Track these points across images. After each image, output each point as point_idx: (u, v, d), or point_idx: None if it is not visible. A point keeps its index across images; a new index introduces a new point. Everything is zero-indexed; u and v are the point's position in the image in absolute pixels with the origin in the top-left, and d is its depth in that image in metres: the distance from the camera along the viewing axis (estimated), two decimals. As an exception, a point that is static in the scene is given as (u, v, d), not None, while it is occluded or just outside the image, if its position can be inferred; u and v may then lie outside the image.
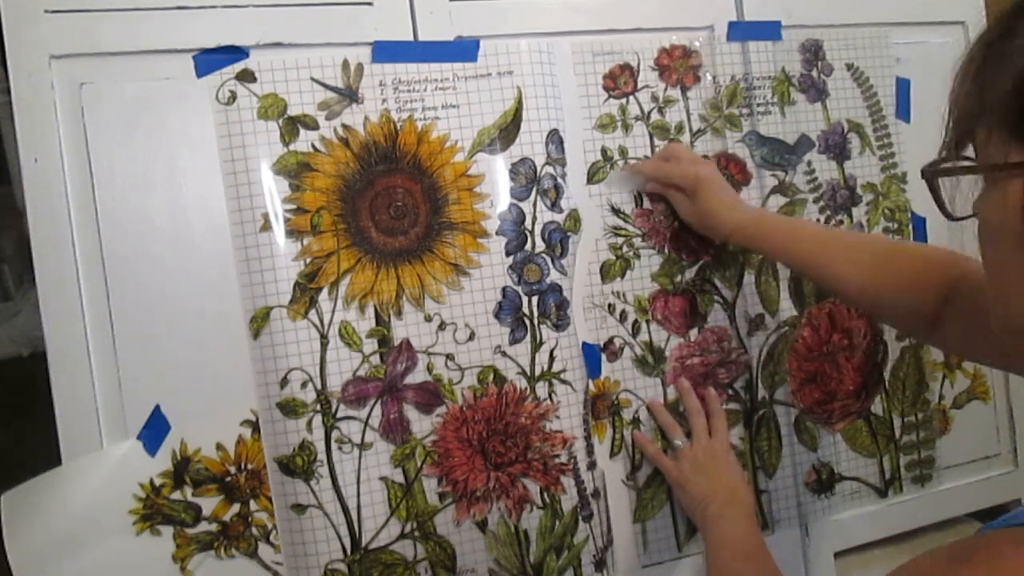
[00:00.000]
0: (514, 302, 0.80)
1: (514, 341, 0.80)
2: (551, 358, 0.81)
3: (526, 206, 0.81)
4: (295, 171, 0.75)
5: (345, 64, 0.77)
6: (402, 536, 0.77)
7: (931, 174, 0.48)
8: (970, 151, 0.47)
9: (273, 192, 0.74)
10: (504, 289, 0.80)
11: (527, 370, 0.80)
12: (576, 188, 0.84)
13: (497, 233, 0.80)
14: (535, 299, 0.81)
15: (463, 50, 0.80)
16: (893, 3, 0.98)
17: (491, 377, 0.79)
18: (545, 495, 0.80)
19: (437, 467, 0.78)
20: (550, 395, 0.81)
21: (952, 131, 0.48)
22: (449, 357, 0.78)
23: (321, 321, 0.75)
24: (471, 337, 0.79)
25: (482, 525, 0.79)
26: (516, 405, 0.80)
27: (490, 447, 0.79)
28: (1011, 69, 0.43)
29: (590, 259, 0.85)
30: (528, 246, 0.81)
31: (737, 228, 0.81)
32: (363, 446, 0.76)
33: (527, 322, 0.80)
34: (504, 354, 0.79)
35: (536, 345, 0.80)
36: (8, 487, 0.69)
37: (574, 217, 0.83)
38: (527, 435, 0.80)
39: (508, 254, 0.80)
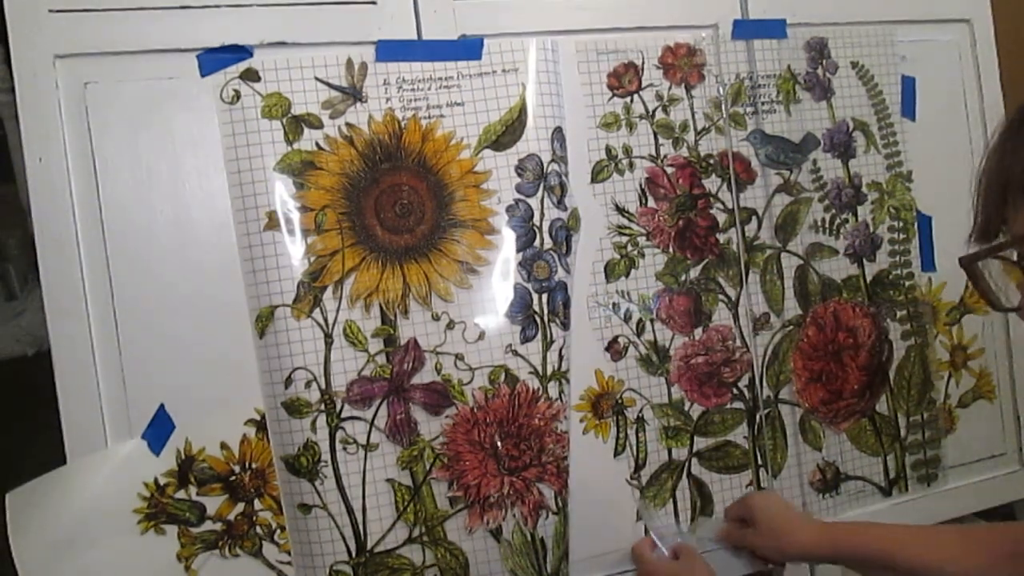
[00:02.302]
0: (524, 299, 0.79)
1: (525, 340, 0.79)
2: (560, 357, 0.81)
3: (534, 202, 0.80)
4: (299, 170, 0.75)
5: (349, 63, 0.77)
6: (409, 540, 0.76)
7: (968, 261, 0.48)
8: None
9: (277, 191, 0.74)
10: (515, 286, 0.79)
11: (539, 369, 0.80)
12: (580, 186, 0.84)
13: (507, 228, 0.79)
14: (544, 296, 0.80)
15: (467, 49, 0.80)
16: (898, 1, 0.97)
17: (503, 377, 0.79)
18: (559, 499, 0.80)
19: (447, 470, 0.77)
20: (560, 395, 0.81)
21: (982, 215, 0.48)
22: (459, 357, 0.78)
23: (325, 320, 0.75)
24: (481, 336, 0.78)
25: (496, 533, 0.78)
26: (529, 406, 0.79)
27: (503, 450, 0.78)
28: None
29: (594, 258, 0.85)
30: (537, 242, 0.80)
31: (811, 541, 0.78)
32: (368, 447, 0.76)
33: (537, 320, 0.80)
34: (516, 353, 0.79)
35: (547, 344, 0.80)
36: (13, 486, 0.69)
37: (575, 216, 0.83)
38: (541, 437, 0.80)
39: (518, 250, 0.80)
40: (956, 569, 0.70)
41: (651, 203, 0.87)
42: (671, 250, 0.87)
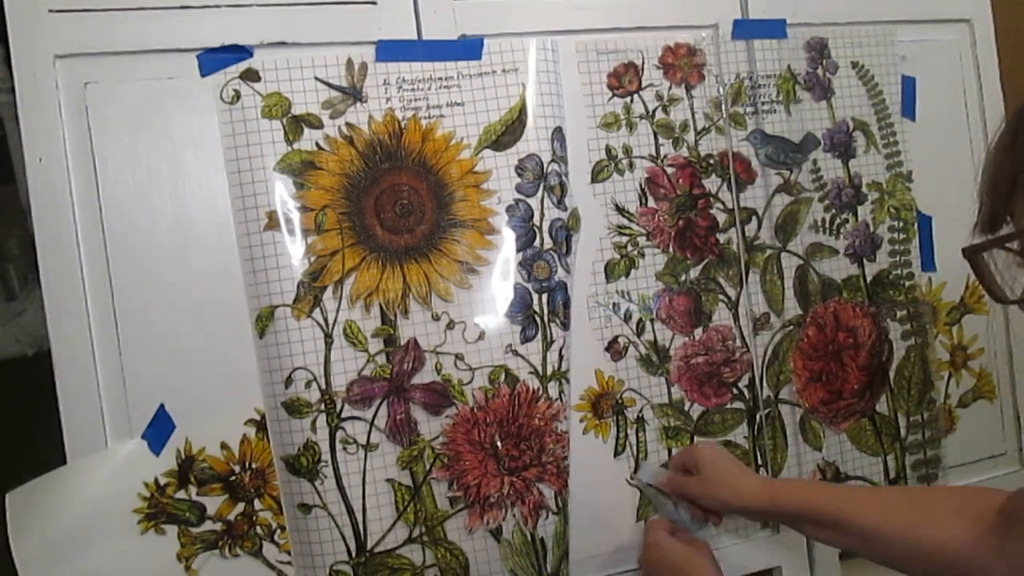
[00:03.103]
0: (524, 299, 0.79)
1: (525, 340, 0.79)
2: (560, 357, 0.81)
3: (534, 202, 0.80)
4: (299, 169, 0.75)
5: (349, 63, 0.77)
6: (410, 540, 0.76)
7: (972, 251, 0.47)
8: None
9: (277, 191, 0.74)
10: (515, 286, 0.79)
11: (539, 369, 0.80)
12: (580, 186, 0.84)
13: (507, 228, 0.79)
14: (544, 296, 0.80)
15: (467, 49, 0.80)
16: (898, 1, 0.97)
17: (503, 377, 0.79)
18: (559, 499, 0.80)
19: (447, 471, 0.77)
20: (560, 395, 0.81)
21: (987, 205, 0.47)
22: (459, 357, 0.78)
23: (325, 320, 0.75)
24: (481, 336, 0.78)
25: (496, 533, 0.78)
26: (529, 406, 0.79)
27: (503, 450, 0.78)
28: None
29: (594, 258, 0.85)
30: (537, 242, 0.80)
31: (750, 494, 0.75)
32: (368, 447, 0.76)
33: (537, 320, 0.80)
34: (516, 353, 0.79)
35: (547, 344, 0.80)
36: (13, 486, 0.69)
37: (575, 216, 0.83)
38: (541, 437, 0.80)
39: (518, 250, 0.80)
40: (921, 534, 0.63)
41: (651, 203, 0.87)
42: (671, 250, 0.87)
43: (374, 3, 0.78)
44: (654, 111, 0.87)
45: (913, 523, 0.64)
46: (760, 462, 0.90)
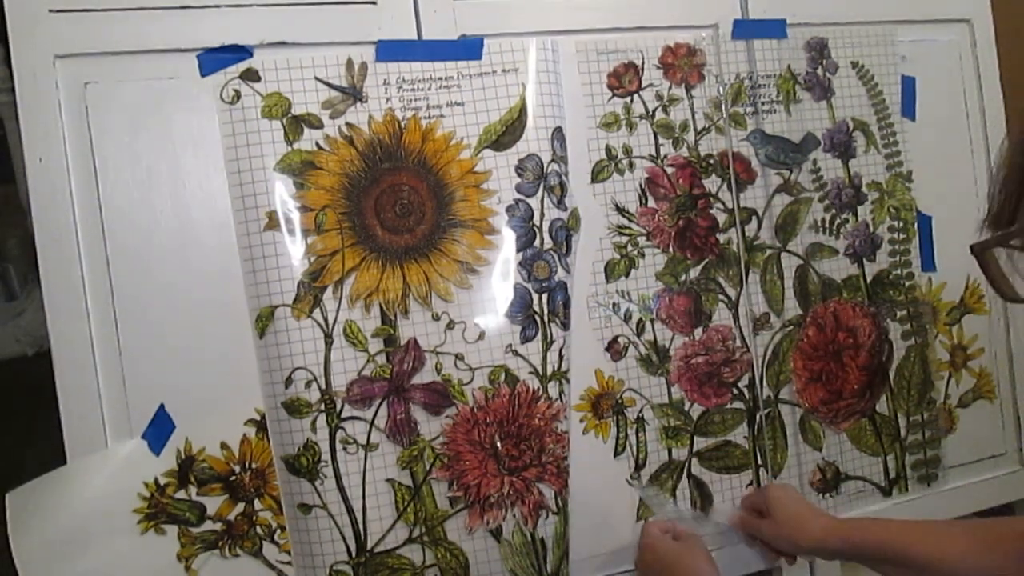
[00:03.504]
0: (524, 299, 0.79)
1: (525, 340, 0.79)
2: (560, 357, 0.81)
3: (534, 202, 0.80)
4: (299, 169, 0.75)
5: (349, 63, 0.77)
6: (410, 540, 0.76)
7: (981, 248, 0.47)
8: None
9: (277, 191, 0.74)
10: (515, 286, 0.79)
11: (539, 369, 0.80)
12: (580, 186, 0.84)
13: (507, 228, 0.79)
14: (544, 296, 0.80)
15: (467, 49, 0.80)
16: (898, 1, 0.97)
17: (503, 377, 0.79)
18: (559, 499, 0.80)
19: (447, 471, 0.77)
20: (560, 395, 0.81)
21: (997, 202, 0.47)
22: (459, 357, 0.78)
23: (325, 320, 0.75)
24: (481, 336, 0.78)
25: (496, 533, 0.78)
26: (529, 406, 0.79)
27: (503, 450, 0.78)
28: None
29: (594, 258, 0.85)
30: (537, 242, 0.80)
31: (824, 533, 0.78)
32: (369, 447, 0.76)
33: (537, 320, 0.80)
34: (516, 353, 0.79)
35: (547, 344, 0.80)
36: (13, 486, 0.69)
37: (575, 216, 0.83)
38: (541, 437, 0.80)
39: (518, 250, 0.80)
40: (971, 565, 0.69)
41: (651, 203, 0.87)
42: (671, 250, 0.87)
43: (374, 3, 0.78)
44: (654, 111, 0.87)
45: (971, 554, 0.69)
46: (760, 462, 0.90)
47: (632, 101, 0.87)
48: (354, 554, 0.75)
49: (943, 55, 0.99)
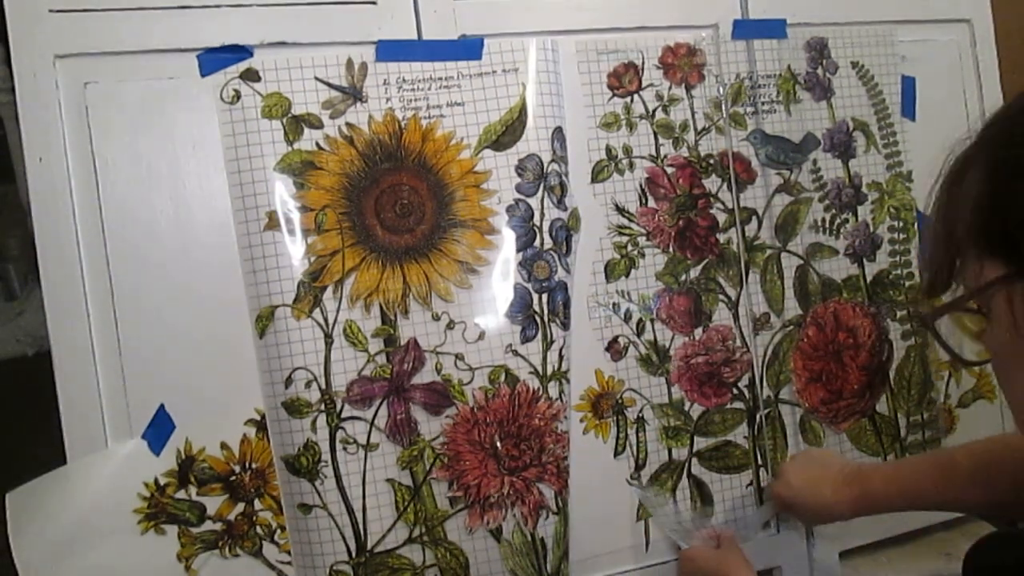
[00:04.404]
0: (524, 299, 0.79)
1: (525, 340, 0.79)
2: (560, 357, 0.81)
3: (534, 202, 0.80)
4: (299, 169, 0.75)
5: (349, 63, 0.77)
6: (410, 540, 0.76)
7: (933, 318, 0.47)
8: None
9: (277, 191, 0.74)
10: (515, 286, 0.79)
11: (539, 369, 0.80)
12: (580, 186, 0.84)
13: (507, 228, 0.79)
14: (544, 296, 0.80)
15: (467, 49, 0.80)
16: (898, 1, 0.97)
17: (503, 377, 0.79)
18: (559, 499, 0.80)
19: (447, 471, 0.77)
20: (560, 395, 0.81)
21: (932, 269, 0.47)
22: (459, 357, 0.78)
23: (325, 320, 0.75)
24: (481, 336, 0.78)
25: (496, 533, 0.78)
26: (529, 406, 0.79)
27: (503, 450, 0.78)
28: (967, 201, 0.45)
29: (594, 258, 0.85)
30: (537, 242, 0.80)
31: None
32: (369, 447, 0.76)
33: (537, 320, 0.80)
34: (516, 353, 0.79)
35: (547, 344, 0.80)
36: (13, 486, 0.69)
37: (575, 216, 0.83)
38: (541, 437, 0.80)
39: (518, 250, 0.80)
40: (971, 497, 0.73)
41: (651, 203, 0.87)
42: (671, 250, 0.87)
43: (374, 3, 0.78)
44: (654, 111, 0.87)
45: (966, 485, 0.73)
46: (760, 462, 0.90)
47: (632, 101, 0.87)
48: (354, 554, 0.75)
49: (943, 55, 0.99)
